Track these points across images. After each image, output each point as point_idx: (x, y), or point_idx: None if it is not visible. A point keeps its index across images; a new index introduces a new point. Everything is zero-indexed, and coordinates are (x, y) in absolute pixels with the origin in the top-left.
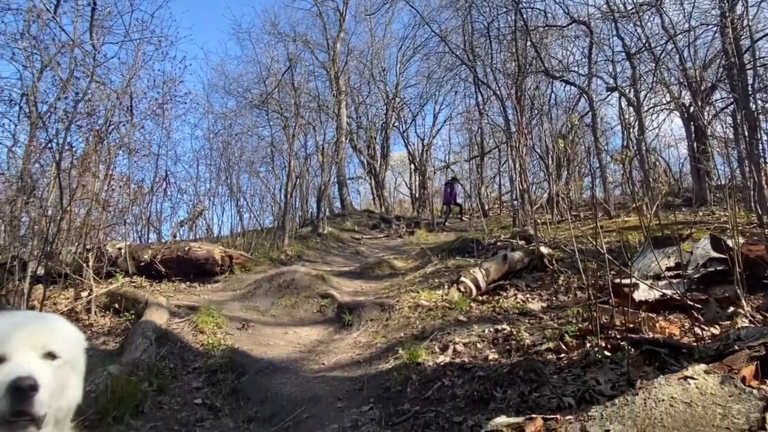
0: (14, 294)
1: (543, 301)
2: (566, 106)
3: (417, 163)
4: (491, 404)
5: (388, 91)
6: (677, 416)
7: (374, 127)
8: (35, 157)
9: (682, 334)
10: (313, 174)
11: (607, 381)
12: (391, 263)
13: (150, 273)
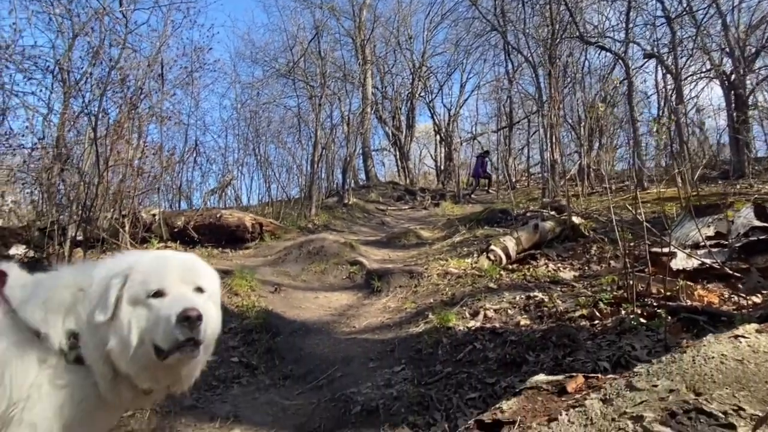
0: (55, 257)
1: (575, 270)
2: (600, 74)
3: (443, 134)
4: (524, 367)
5: (415, 59)
6: (728, 373)
7: (400, 97)
8: (70, 125)
9: (722, 302)
10: (338, 145)
11: (642, 347)
12: (417, 233)
13: (183, 239)
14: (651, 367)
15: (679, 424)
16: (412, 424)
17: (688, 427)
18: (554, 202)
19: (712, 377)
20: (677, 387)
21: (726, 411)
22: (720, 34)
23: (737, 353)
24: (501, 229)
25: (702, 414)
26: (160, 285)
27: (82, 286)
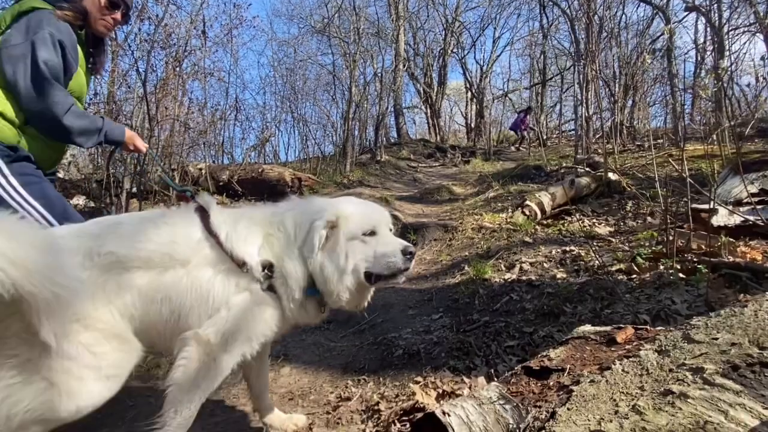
0: (114, 206)
1: (610, 226)
2: (637, 29)
3: (474, 91)
4: (561, 318)
5: (448, 14)
6: None
7: (432, 53)
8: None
9: (765, 259)
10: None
11: (683, 301)
12: (450, 189)
13: (228, 192)
14: (709, 320)
15: (742, 377)
16: (453, 368)
17: (751, 380)
18: (588, 158)
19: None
20: (739, 340)
21: None
22: None
23: None
24: (535, 185)
25: (767, 368)
26: (372, 226)
27: (274, 225)
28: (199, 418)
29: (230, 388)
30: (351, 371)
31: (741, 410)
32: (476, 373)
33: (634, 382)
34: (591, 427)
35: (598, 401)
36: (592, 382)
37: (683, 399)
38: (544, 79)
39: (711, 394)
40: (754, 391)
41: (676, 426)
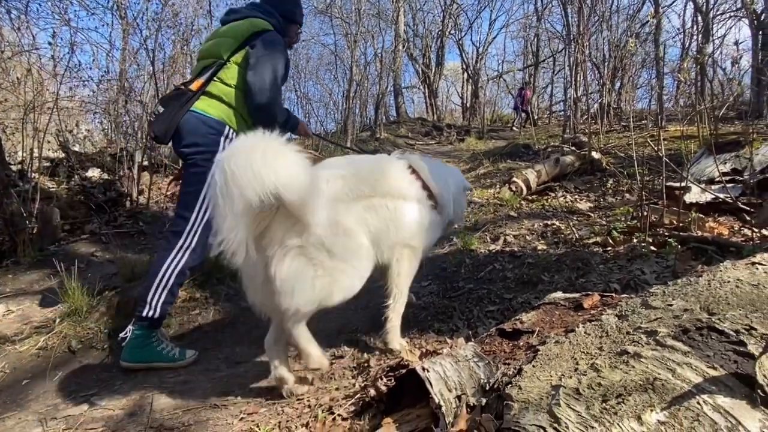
0: (126, 179)
1: (591, 201)
2: (627, 13)
3: (470, 72)
4: (539, 286)
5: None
6: (743, 296)
7: (430, 35)
8: (131, 60)
9: (731, 234)
10: (371, 82)
11: (652, 272)
12: None
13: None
14: (667, 289)
15: (691, 339)
16: (438, 330)
17: (699, 342)
18: (575, 138)
19: (726, 299)
20: (691, 307)
21: (738, 330)
22: None
23: (753, 278)
24: (523, 163)
25: (714, 331)
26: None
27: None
28: (205, 372)
29: (234, 348)
30: (345, 332)
31: (687, 369)
32: (458, 335)
33: (594, 343)
34: (552, 383)
35: (561, 360)
36: (557, 342)
37: (636, 358)
38: (537, 61)
39: (662, 354)
40: (701, 352)
41: (628, 382)
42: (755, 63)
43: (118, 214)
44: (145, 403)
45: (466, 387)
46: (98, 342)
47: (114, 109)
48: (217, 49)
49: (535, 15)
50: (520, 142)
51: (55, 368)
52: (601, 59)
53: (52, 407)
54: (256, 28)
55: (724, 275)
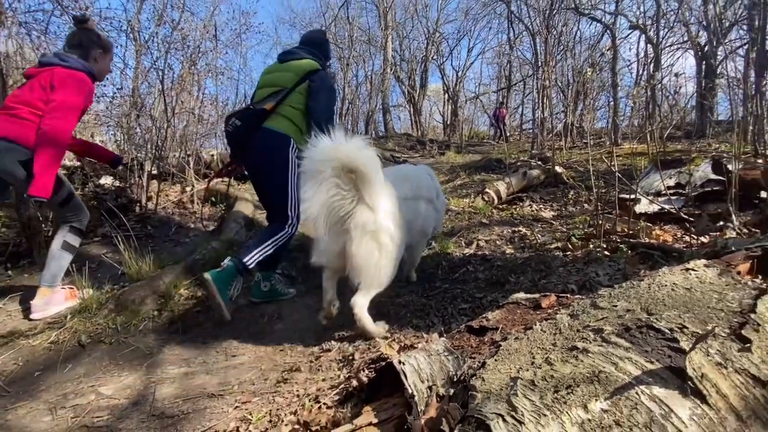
0: (136, 187)
1: (554, 210)
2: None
3: (450, 93)
4: (506, 286)
5: (429, 26)
6: (678, 298)
7: (415, 59)
8: (142, 78)
9: (675, 241)
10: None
11: (605, 274)
12: None
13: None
14: (613, 291)
15: (632, 336)
16: (416, 326)
17: (639, 339)
18: (541, 153)
19: (663, 301)
20: (633, 307)
21: (672, 328)
22: (700, 9)
23: (687, 283)
24: (495, 175)
25: (652, 329)
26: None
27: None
28: (204, 364)
29: (232, 342)
30: (333, 328)
31: (628, 363)
32: (433, 331)
33: (549, 340)
34: (511, 374)
35: (519, 354)
36: (517, 338)
37: (585, 353)
38: (509, 84)
39: (607, 349)
40: (640, 348)
41: (577, 374)
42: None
43: (128, 218)
44: (148, 392)
45: (437, 379)
46: (106, 337)
47: (126, 122)
48: (282, 81)
49: (507, 44)
50: (494, 156)
51: (66, 361)
52: (566, 83)
53: (61, 397)
54: (312, 68)
55: (662, 279)
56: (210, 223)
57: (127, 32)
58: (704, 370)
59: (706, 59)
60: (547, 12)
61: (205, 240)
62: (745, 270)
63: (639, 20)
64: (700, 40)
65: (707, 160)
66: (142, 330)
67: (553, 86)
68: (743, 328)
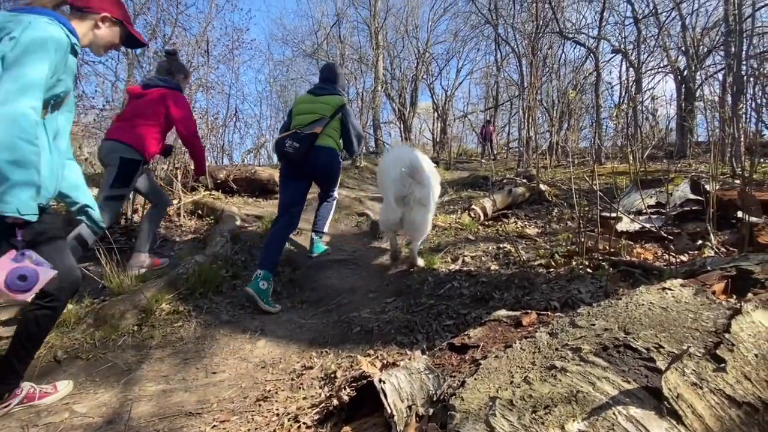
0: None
1: (538, 228)
2: (574, 66)
3: (440, 111)
4: (491, 302)
5: (419, 46)
6: (654, 317)
7: (405, 78)
8: None
9: (655, 259)
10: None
11: (587, 291)
12: None
13: (224, 189)
14: (591, 310)
15: (609, 356)
16: (400, 343)
17: (616, 358)
18: (526, 171)
19: (640, 320)
20: (611, 327)
21: (649, 348)
22: (679, 35)
23: (663, 302)
24: (481, 192)
25: (629, 349)
26: None
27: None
28: (183, 381)
29: (213, 358)
30: (316, 345)
31: (606, 382)
32: (417, 347)
33: (528, 358)
34: (490, 394)
35: (499, 373)
36: (496, 357)
37: (563, 372)
38: (496, 104)
39: (585, 369)
40: (617, 368)
41: (555, 394)
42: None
43: (113, 231)
44: (124, 411)
45: (417, 398)
46: (83, 352)
47: None
48: (322, 111)
49: (495, 65)
50: (481, 173)
51: (40, 377)
52: (551, 104)
53: (34, 415)
54: (342, 102)
55: (639, 299)
56: (196, 237)
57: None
58: (680, 390)
59: (686, 83)
60: (533, 35)
61: (189, 254)
62: (720, 289)
63: (621, 45)
64: (679, 65)
65: (686, 180)
66: (121, 345)
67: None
68: (718, 347)
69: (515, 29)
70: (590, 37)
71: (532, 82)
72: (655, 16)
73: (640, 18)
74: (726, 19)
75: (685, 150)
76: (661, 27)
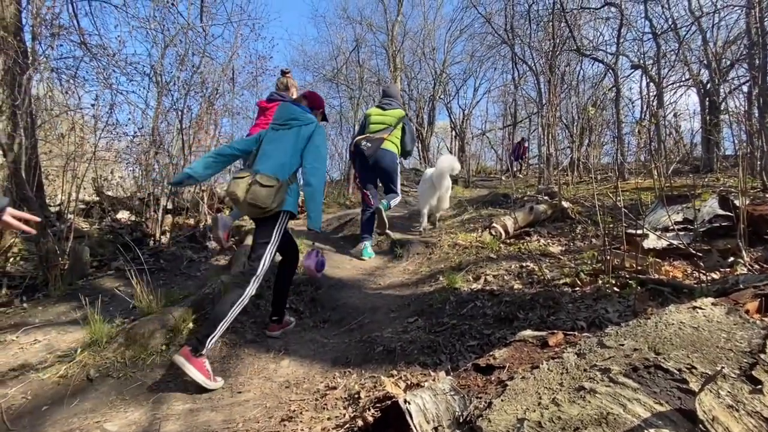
0: (152, 221)
1: (562, 245)
2: (593, 82)
3: (457, 130)
4: (515, 323)
5: (436, 67)
6: (685, 337)
7: (423, 98)
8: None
9: (685, 277)
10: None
11: (614, 311)
12: None
13: None
14: (619, 330)
15: (640, 377)
16: (423, 363)
17: (647, 379)
18: (548, 188)
19: (670, 340)
20: (640, 347)
21: (681, 368)
22: (700, 48)
23: (694, 322)
24: (502, 210)
25: (660, 370)
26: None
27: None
28: (209, 400)
29: (238, 378)
30: (339, 364)
31: (637, 404)
32: (441, 368)
33: (556, 379)
34: (518, 416)
35: (526, 394)
36: (523, 378)
37: (592, 394)
38: (515, 121)
39: (614, 390)
40: (648, 389)
41: (584, 416)
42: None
43: (142, 252)
44: (153, 429)
45: (443, 419)
46: (114, 371)
47: (145, 159)
48: (388, 121)
49: (512, 83)
50: (501, 191)
51: (73, 395)
52: (571, 120)
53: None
54: (402, 114)
55: (669, 318)
56: (221, 257)
57: (150, 75)
58: (715, 412)
59: (709, 96)
60: (550, 54)
61: (215, 274)
62: (753, 309)
63: (640, 60)
64: (702, 78)
65: (714, 195)
66: (149, 364)
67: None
68: (754, 368)
69: (532, 48)
70: (608, 54)
71: (551, 99)
72: (675, 31)
73: (660, 33)
74: (748, 32)
75: (712, 164)
76: (681, 41)
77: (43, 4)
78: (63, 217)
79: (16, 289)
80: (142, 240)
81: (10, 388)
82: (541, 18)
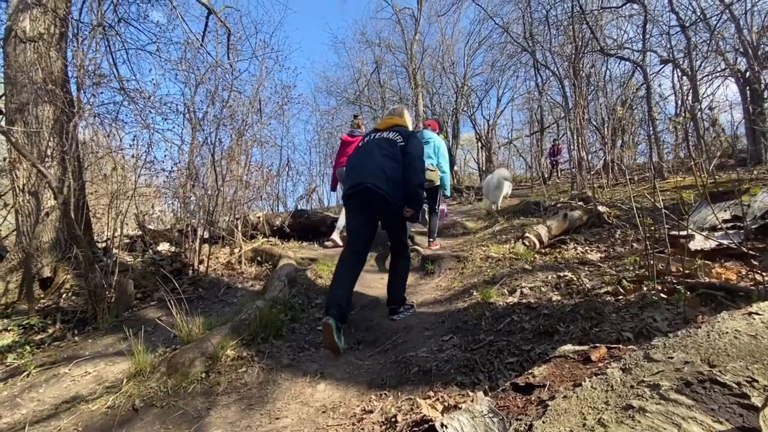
0: (190, 251)
1: (600, 252)
2: (621, 80)
3: (483, 141)
4: (555, 336)
5: (457, 81)
6: (741, 347)
7: (446, 112)
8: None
9: (739, 279)
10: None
11: (663, 319)
12: (463, 224)
13: (280, 234)
14: (667, 341)
15: (694, 392)
16: (460, 383)
17: (702, 395)
18: (581, 193)
19: (725, 351)
20: (692, 359)
21: (740, 382)
22: (734, 37)
23: (751, 329)
24: (534, 219)
25: (716, 384)
26: None
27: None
28: (248, 428)
29: (276, 404)
30: (375, 387)
31: (693, 423)
32: (479, 388)
33: (601, 398)
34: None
35: (569, 415)
36: (565, 397)
37: (642, 413)
38: (542, 127)
39: (666, 408)
40: (705, 406)
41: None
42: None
43: (181, 282)
44: None
45: None
46: (158, 400)
47: (183, 192)
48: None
49: (536, 89)
50: (532, 199)
51: (120, 426)
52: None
53: None
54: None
55: (722, 326)
56: (256, 282)
57: (184, 113)
58: None
59: (749, 85)
60: (573, 57)
61: (251, 300)
62: None
63: (669, 54)
64: (739, 67)
65: (765, 188)
66: (191, 392)
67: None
68: None
69: (553, 53)
70: (635, 51)
71: (577, 102)
72: (704, 21)
73: (688, 25)
74: None
75: (760, 155)
76: (713, 31)
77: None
78: (109, 252)
79: (68, 323)
80: (182, 270)
81: (63, 420)
82: (561, 22)
